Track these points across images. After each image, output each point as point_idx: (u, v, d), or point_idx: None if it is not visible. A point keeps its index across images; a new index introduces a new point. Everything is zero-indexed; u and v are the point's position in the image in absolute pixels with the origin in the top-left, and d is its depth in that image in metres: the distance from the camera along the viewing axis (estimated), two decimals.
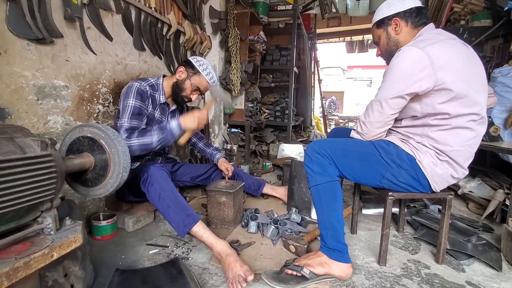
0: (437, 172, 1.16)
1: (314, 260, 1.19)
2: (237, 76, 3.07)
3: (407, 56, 1.10)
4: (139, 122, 1.52)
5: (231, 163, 2.02)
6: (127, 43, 1.92)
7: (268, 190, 2.15)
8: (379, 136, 1.25)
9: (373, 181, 1.26)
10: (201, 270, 1.27)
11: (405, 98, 1.14)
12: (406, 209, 1.82)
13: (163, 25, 2.26)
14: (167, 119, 1.76)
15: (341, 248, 1.19)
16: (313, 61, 5.57)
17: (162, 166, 1.45)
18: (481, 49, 2.77)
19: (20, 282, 0.67)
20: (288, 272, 1.17)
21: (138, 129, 1.49)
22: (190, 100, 1.71)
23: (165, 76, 1.73)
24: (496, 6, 2.67)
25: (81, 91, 1.58)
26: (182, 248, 1.46)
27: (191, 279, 1.12)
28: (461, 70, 1.08)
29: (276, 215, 1.80)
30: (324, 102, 6.23)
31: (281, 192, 2.13)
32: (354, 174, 1.26)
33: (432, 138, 1.16)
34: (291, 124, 3.99)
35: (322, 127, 6.19)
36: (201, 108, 1.57)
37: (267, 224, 1.64)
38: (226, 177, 1.88)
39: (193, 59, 1.68)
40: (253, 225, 1.63)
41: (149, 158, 1.76)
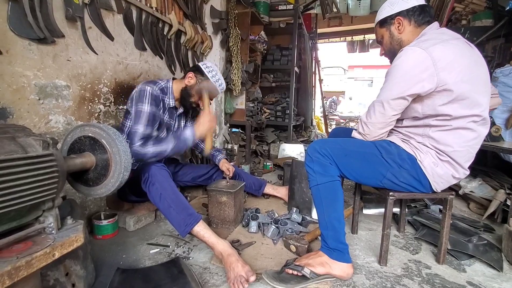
0: (438, 172, 1.16)
1: (314, 260, 1.19)
2: (238, 76, 3.07)
3: (409, 57, 1.09)
4: (153, 129, 1.54)
5: (232, 163, 2.02)
6: (128, 43, 1.92)
7: (269, 190, 2.15)
8: (381, 137, 1.25)
9: (374, 181, 1.26)
10: (202, 269, 1.28)
11: (407, 99, 1.13)
12: (407, 209, 1.81)
13: (164, 25, 2.26)
14: (175, 122, 1.76)
15: (342, 248, 1.19)
16: (314, 61, 5.57)
17: (164, 165, 1.45)
18: (482, 49, 2.77)
19: (22, 281, 0.67)
20: (288, 271, 1.17)
21: (152, 136, 1.51)
22: (198, 106, 1.71)
23: (174, 79, 1.72)
24: (498, 6, 2.66)
25: (83, 91, 1.59)
26: (183, 247, 1.46)
27: (192, 278, 1.13)
28: (464, 71, 1.07)
29: (276, 215, 1.80)
30: (325, 102, 6.22)
31: (282, 192, 2.13)
32: (355, 174, 1.25)
33: (433, 138, 1.15)
34: (292, 124, 3.99)
35: (323, 127, 6.19)
36: (203, 109, 1.57)
37: (268, 224, 1.64)
38: (227, 178, 1.88)
39: (202, 65, 1.67)
40: (254, 225, 1.63)
41: None
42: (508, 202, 1.75)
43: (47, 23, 1.34)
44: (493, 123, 1.91)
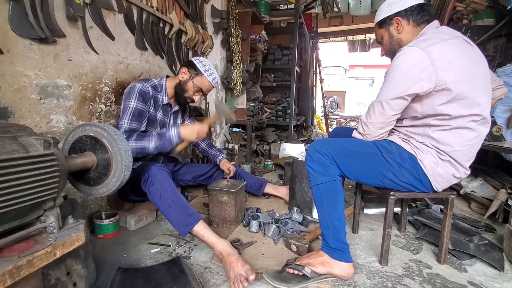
0: (439, 172, 1.16)
1: (315, 259, 1.19)
2: (238, 76, 3.07)
3: (408, 57, 1.09)
4: (139, 124, 1.53)
5: (233, 163, 2.02)
6: (129, 43, 1.92)
7: (270, 190, 2.15)
8: (381, 137, 1.25)
9: (374, 180, 1.26)
10: (203, 269, 1.28)
11: (406, 99, 1.13)
12: (408, 209, 1.81)
13: (165, 24, 2.26)
14: (169, 119, 1.77)
15: (343, 248, 1.19)
16: (314, 60, 5.56)
17: (163, 165, 1.45)
18: (483, 48, 2.76)
19: (23, 280, 0.67)
20: (289, 271, 1.17)
21: (137, 131, 1.50)
22: (193, 101, 1.71)
23: (168, 76, 1.73)
24: (499, 5, 2.65)
25: (84, 91, 1.59)
26: (183, 247, 1.47)
27: (192, 278, 1.13)
28: (463, 71, 1.07)
29: (277, 215, 1.80)
30: (325, 101, 6.21)
31: (283, 191, 2.13)
32: (355, 174, 1.25)
33: (433, 138, 1.15)
34: (292, 124, 3.99)
35: (324, 126, 6.19)
36: (204, 121, 1.57)
37: (269, 224, 1.64)
38: (228, 177, 1.88)
39: (195, 60, 1.68)
40: (254, 225, 1.63)
41: (150, 157, 1.77)
42: (510, 202, 1.75)
43: (48, 22, 1.34)
44: (494, 123, 1.91)
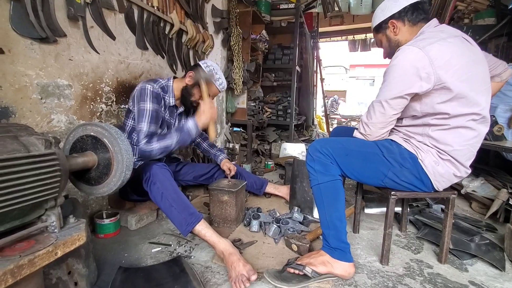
0: (439, 171, 1.16)
1: (316, 259, 1.19)
2: (239, 75, 3.07)
3: (406, 56, 1.09)
4: (157, 126, 1.53)
5: (233, 163, 2.02)
6: (130, 42, 1.92)
7: (271, 189, 2.15)
8: (382, 136, 1.25)
9: (375, 180, 1.26)
10: (204, 268, 1.28)
11: (406, 98, 1.13)
12: (408, 209, 1.81)
13: (165, 24, 2.26)
14: (175, 121, 1.77)
15: (343, 247, 1.19)
16: (315, 60, 5.56)
17: (165, 165, 1.45)
18: (485, 47, 2.75)
19: (25, 279, 0.68)
20: (290, 270, 1.17)
21: (156, 133, 1.51)
22: (199, 105, 1.70)
23: (175, 77, 1.72)
24: (500, 4, 2.65)
25: (84, 90, 1.59)
26: (184, 246, 1.47)
27: (193, 277, 1.13)
28: (462, 70, 1.07)
29: (278, 214, 1.80)
30: (326, 101, 6.21)
31: (283, 191, 2.13)
32: (356, 173, 1.25)
33: (432, 137, 1.15)
34: (293, 123, 3.99)
35: (324, 126, 6.18)
36: (203, 98, 1.57)
37: (269, 223, 1.64)
38: (229, 177, 1.88)
39: (202, 63, 1.67)
40: (255, 224, 1.63)
41: None
42: (511, 202, 1.75)
43: (49, 22, 1.34)
44: (495, 122, 1.90)
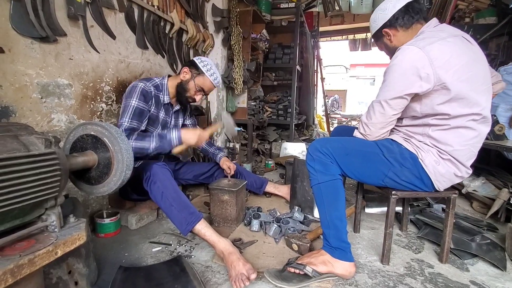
0: (440, 171, 1.15)
1: (317, 258, 1.19)
2: (239, 75, 3.07)
3: (406, 56, 1.09)
4: (139, 123, 1.52)
5: (234, 162, 2.02)
6: (130, 42, 1.92)
7: (271, 189, 2.15)
8: (382, 136, 1.25)
9: (375, 180, 1.25)
10: (204, 268, 1.28)
11: (406, 98, 1.13)
12: (409, 208, 1.81)
13: (165, 23, 2.26)
14: (171, 119, 1.77)
15: (344, 247, 1.19)
16: (315, 59, 5.55)
17: (165, 164, 1.45)
18: (486, 47, 2.75)
19: (25, 279, 0.67)
20: (290, 270, 1.17)
21: (137, 130, 1.49)
22: (194, 100, 1.71)
23: (170, 76, 1.72)
24: (501, 3, 2.64)
25: (85, 90, 1.59)
26: (185, 246, 1.47)
27: (194, 277, 1.13)
28: (462, 70, 1.06)
29: (278, 214, 1.80)
30: (327, 100, 6.20)
31: (284, 190, 2.12)
32: (356, 173, 1.25)
33: (432, 137, 1.15)
34: (293, 123, 3.99)
35: (325, 125, 6.18)
36: (207, 128, 1.57)
37: (270, 223, 1.64)
38: (229, 176, 1.88)
39: (197, 59, 1.67)
40: (255, 224, 1.63)
41: (151, 156, 1.76)
42: None
43: (49, 21, 1.34)
44: (496, 122, 1.90)
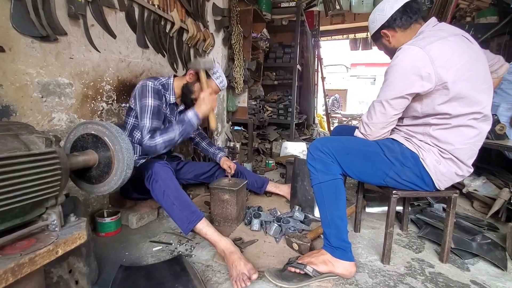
0: (441, 170, 1.15)
1: (317, 258, 1.19)
2: (240, 74, 3.06)
3: (407, 56, 1.09)
4: (159, 122, 1.53)
5: (234, 161, 2.02)
6: (131, 41, 1.92)
7: (271, 188, 2.15)
8: (383, 136, 1.24)
9: (376, 179, 1.25)
10: (205, 267, 1.28)
11: (407, 98, 1.13)
12: (410, 208, 1.81)
13: (166, 22, 2.25)
14: (175, 118, 1.77)
15: (345, 246, 1.19)
16: (316, 58, 5.54)
17: (167, 163, 1.45)
18: (487, 46, 2.74)
19: (26, 278, 0.67)
20: (291, 269, 1.17)
21: (159, 129, 1.50)
22: None
23: (176, 76, 1.72)
24: (503, 2, 2.63)
25: (85, 89, 1.59)
26: (185, 245, 1.47)
27: (194, 276, 1.13)
28: (462, 69, 1.06)
29: (279, 213, 1.79)
30: (327, 100, 6.20)
31: (284, 190, 2.12)
32: (357, 173, 1.25)
33: (433, 137, 1.15)
34: (294, 122, 3.98)
35: (325, 125, 6.18)
36: (203, 91, 1.56)
37: (270, 222, 1.64)
38: (229, 175, 1.88)
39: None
40: (256, 223, 1.63)
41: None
42: None
43: (50, 20, 1.34)
44: (497, 121, 1.89)
